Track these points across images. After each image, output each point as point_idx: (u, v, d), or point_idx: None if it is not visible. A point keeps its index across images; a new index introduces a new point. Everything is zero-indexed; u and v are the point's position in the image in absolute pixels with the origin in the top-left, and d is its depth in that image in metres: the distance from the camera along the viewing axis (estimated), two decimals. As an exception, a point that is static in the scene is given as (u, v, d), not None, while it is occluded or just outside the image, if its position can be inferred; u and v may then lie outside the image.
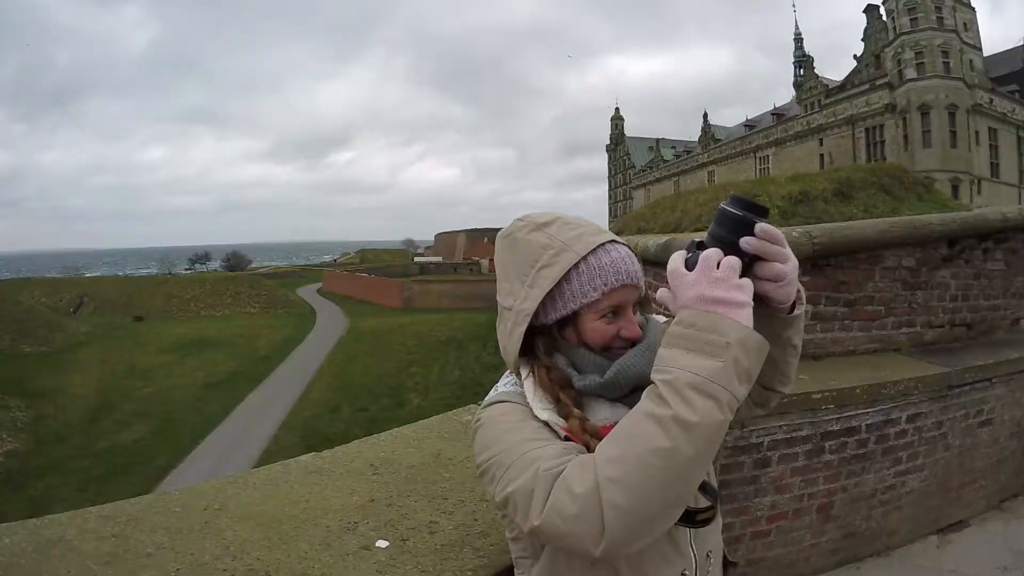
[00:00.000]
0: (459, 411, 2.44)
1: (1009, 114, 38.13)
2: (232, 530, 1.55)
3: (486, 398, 1.04)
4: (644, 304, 1.11)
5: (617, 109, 74.39)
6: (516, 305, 0.97)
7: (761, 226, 0.82)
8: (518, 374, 1.01)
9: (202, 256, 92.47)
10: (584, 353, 0.98)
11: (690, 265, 0.84)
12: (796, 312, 0.94)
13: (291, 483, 1.81)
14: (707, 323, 0.79)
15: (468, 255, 71.73)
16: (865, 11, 40.97)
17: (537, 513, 0.80)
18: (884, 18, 38.95)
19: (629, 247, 1.02)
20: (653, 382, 0.80)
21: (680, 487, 0.77)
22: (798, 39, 54.96)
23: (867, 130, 39.72)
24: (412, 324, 38.29)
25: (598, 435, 0.88)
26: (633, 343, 0.99)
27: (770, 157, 47.44)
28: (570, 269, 0.95)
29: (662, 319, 1.12)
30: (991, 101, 37.39)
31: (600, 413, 0.95)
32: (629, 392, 0.95)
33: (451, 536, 1.54)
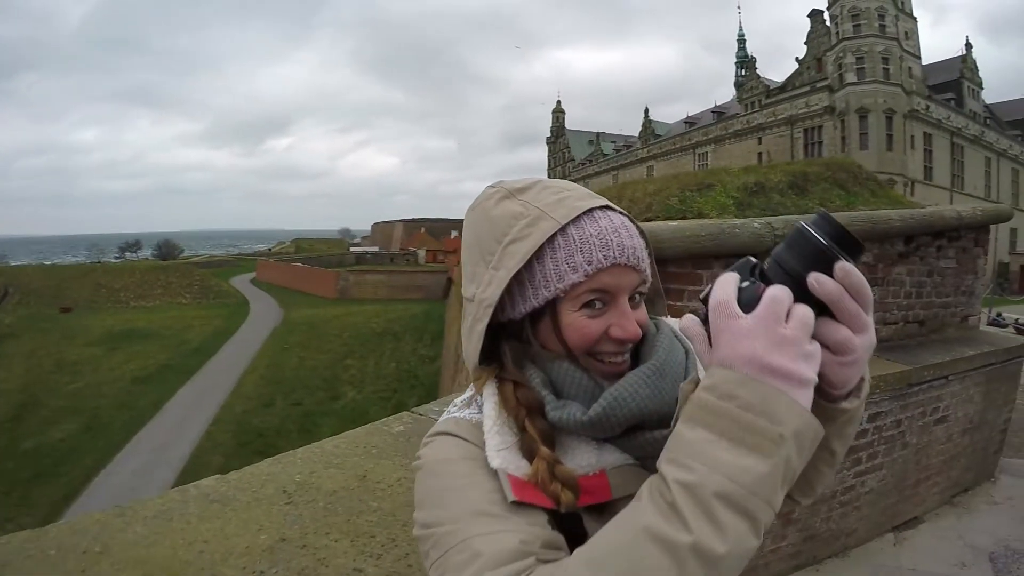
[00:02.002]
0: (389, 420, 2.14)
1: (944, 120, 40.35)
2: (112, 582, 1.26)
3: (437, 423, 0.77)
4: (654, 301, 0.83)
5: (559, 102, 75.57)
6: (478, 294, 0.72)
7: (844, 267, 0.55)
8: (481, 390, 0.75)
9: (133, 244, 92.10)
10: (566, 369, 0.71)
11: (746, 301, 0.57)
12: (847, 404, 0.64)
13: (188, 516, 1.50)
14: (757, 398, 0.53)
15: (405, 245, 70.96)
16: (810, 15, 42.68)
17: None
18: (828, 23, 40.63)
19: (630, 217, 0.75)
20: (662, 475, 0.54)
21: None
22: (741, 40, 57.00)
23: (806, 130, 41.46)
24: (347, 315, 37.93)
25: (573, 486, 0.64)
26: (633, 353, 0.74)
27: (709, 154, 48.94)
28: (544, 244, 0.69)
29: (687, 323, 0.85)
30: (927, 107, 39.46)
31: (581, 456, 0.69)
32: (624, 431, 0.69)
33: (379, 589, 1.26)
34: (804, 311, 0.55)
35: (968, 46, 44.43)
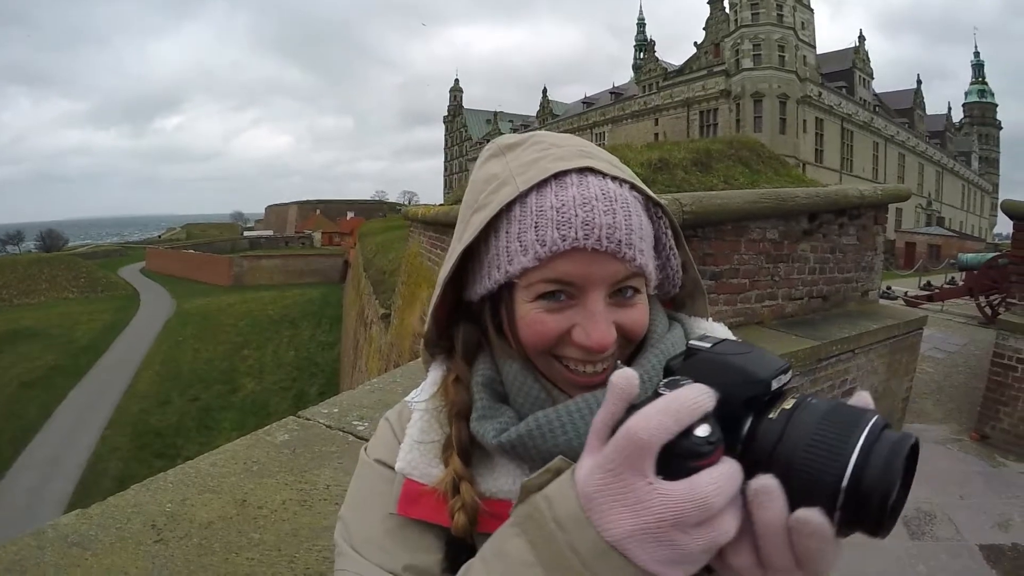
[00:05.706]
0: (273, 428, 1.92)
1: (835, 107, 43.28)
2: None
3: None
4: (694, 297, 0.67)
5: (457, 80, 76.05)
6: (442, 270, 0.61)
7: (811, 523, 0.35)
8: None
9: (14, 236, 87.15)
10: (516, 371, 0.58)
11: (682, 456, 0.37)
12: None
13: (44, 566, 1.28)
14: (587, 549, 0.37)
15: (300, 228, 70.05)
16: (709, 2, 44.28)
17: None
18: (727, 10, 42.31)
19: (633, 184, 0.57)
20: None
21: None
22: (641, 24, 58.67)
23: (701, 112, 43.63)
24: (242, 303, 37.18)
25: (472, 511, 0.54)
26: (629, 359, 0.57)
27: (606, 134, 50.55)
28: (502, 214, 0.55)
29: (707, 329, 0.64)
30: (820, 94, 42.20)
31: (504, 478, 0.56)
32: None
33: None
34: (728, 528, 0.37)
35: (861, 38, 47.74)
